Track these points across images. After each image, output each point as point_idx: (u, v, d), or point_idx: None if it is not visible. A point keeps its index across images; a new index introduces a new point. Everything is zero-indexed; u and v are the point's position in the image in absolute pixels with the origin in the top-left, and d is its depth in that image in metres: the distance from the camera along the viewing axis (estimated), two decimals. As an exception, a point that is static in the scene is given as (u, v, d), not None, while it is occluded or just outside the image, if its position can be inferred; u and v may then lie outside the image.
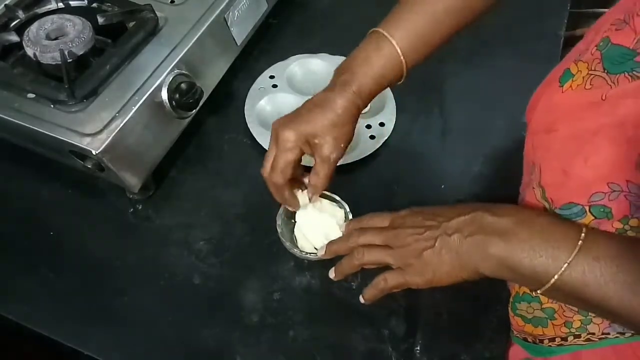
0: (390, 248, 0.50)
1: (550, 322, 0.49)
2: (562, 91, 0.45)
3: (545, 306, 0.49)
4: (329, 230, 0.58)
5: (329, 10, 0.88)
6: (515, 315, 0.53)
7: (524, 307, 0.51)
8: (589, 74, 0.43)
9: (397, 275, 0.49)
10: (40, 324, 0.56)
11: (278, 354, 0.55)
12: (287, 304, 0.58)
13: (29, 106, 0.57)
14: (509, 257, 0.43)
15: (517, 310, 0.52)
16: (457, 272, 0.47)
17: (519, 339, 0.54)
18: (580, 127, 0.43)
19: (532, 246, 0.42)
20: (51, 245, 0.62)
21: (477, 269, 0.46)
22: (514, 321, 0.54)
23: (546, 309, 0.49)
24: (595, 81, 0.42)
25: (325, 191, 0.59)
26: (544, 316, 0.49)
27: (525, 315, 0.51)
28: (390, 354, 0.55)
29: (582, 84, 0.43)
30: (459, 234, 0.46)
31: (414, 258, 0.48)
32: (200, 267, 0.60)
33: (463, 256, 0.46)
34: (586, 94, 0.43)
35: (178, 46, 0.63)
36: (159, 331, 0.56)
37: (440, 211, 0.50)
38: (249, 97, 0.73)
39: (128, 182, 0.59)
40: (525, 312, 0.51)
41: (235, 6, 0.71)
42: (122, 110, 0.57)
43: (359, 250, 0.51)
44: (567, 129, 0.44)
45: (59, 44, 0.59)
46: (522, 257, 0.43)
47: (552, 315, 0.49)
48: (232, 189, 0.67)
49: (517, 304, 0.52)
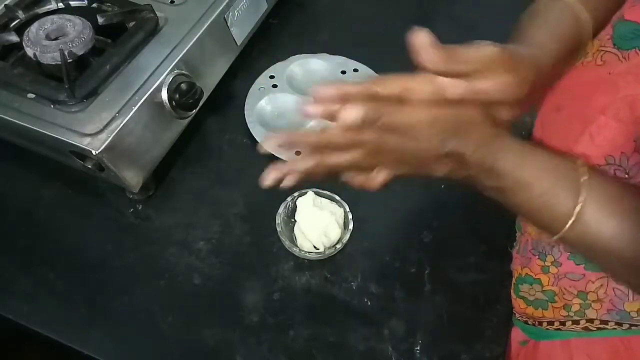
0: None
1: (550, 304, 0.49)
2: (574, 68, 0.45)
3: (546, 288, 0.49)
4: (328, 229, 0.58)
5: (329, 10, 0.88)
6: (518, 297, 0.53)
7: (526, 288, 0.51)
8: (600, 50, 0.42)
9: None
10: (40, 324, 0.56)
11: (278, 354, 0.55)
12: (287, 304, 0.58)
13: (29, 106, 0.57)
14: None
15: (519, 292, 0.52)
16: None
17: (520, 321, 0.54)
18: (588, 105, 0.43)
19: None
20: (51, 245, 0.62)
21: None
22: (516, 303, 0.54)
23: (547, 292, 0.49)
24: (606, 57, 0.42)
25: (324, 190, 0.59)
26: (545, 298, 0.49)
27: (527, 297, 0.51)
28: (390, 354, 0.55)
29: (592, 60, 0.43)
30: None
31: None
32: (200, 267, 0.60)
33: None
34: (597, 70, 0.42)
35: (178, 46, 0.63)
36: (159, 331, 0.56)
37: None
38: (249, 97, 0.73)
39: (128, 182, 0.59)
40: (527, 294, 0.51)
41: (235, 6, 0.71)
42: (122, 110, 0.57)
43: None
44: (574, 107, 0.44)
45: (59, 44, 0.59)
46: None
47: (553, 297, 0.48)
48: (232, 189, 0.67)
49: (520, 285, 0.52)
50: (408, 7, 0.87)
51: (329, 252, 0.58)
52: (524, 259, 0.52)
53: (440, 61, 0.39)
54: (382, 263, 0.61)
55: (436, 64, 0.39)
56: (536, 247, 0.50)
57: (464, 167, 0.41)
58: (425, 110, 0.39)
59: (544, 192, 0.39)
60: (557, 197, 0.39)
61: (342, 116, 0.38)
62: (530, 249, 0.51)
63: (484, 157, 0.40)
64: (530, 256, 0.51)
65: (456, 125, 0.39)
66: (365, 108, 0.37)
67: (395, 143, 0.40)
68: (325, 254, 0.59)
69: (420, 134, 0.39)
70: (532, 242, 0.51)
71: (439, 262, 0.61)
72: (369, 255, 0.62)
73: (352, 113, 0.37)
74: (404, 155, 0.41)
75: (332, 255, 0.59)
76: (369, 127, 0.39)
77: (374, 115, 0.38)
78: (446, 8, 0.88)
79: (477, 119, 0.40)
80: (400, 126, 0.39)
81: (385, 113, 0.38)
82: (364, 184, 0.44)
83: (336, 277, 0.60)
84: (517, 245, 0.57)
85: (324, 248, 0.58)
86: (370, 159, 0.41)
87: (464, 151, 0.39)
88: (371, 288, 0.59)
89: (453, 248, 0.62)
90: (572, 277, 0.47)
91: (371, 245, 0.62)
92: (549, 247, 0.48)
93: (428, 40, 0.38)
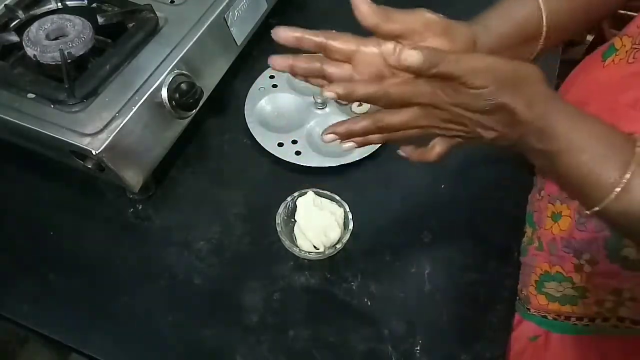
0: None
1: (581, 300, 0.49)
2: (603, 66, 0.45)
3: (578, 285, 0.48)
4: (328, 229, 0.58)
5: (329, 10, 0.88)
6: (540, 293, 0.52)
7: (553, 285, 0.50)
8: (633, 48, 0.42)
9: None
10: (40, 323, 0.56)
11: (278, 354, 0.55)
12: (287, 304, 0.58)
13: (29, 106, 0.57)
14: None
15: (543, 289, 0.52)
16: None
17: (536, 316, 0.53)
18: (618, 101, 0.42)
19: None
20: (51, 245, 0.62)
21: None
22: (536, 300, 0.53)
23: (578, 288, 0.48)
24: (638, 55, 0.42)
25: (324, 190, 0.59)
26: (575, 294, 0.49)
27: (553, 294, 0.51)
28: (390, 354, 0.55)
29: (624, 58, 0.43)
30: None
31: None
32: (200, 267, 0.60)
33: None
34: (628, 68, 0.42)
35: (178, 46, 0.63)
36: (159, 331, 0.56)
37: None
38: (249, 97, 0.73)
39: (128, 182, 0.59)
40: (554, 290, 0.51)
41: (235, 6, 0.71)
42: (122, 110, 0.57)
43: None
44: (601, 102, 0.44)
45: (59, 44, 0.59)
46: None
47: (584, 294, 0.48)
48: (232, 189, 0.67)
49: (545, 282, 0.51)
50: (407, 3, 0.87)
51: (329, 252, 0.58)
52: (553, 257, 0.52)
53: (373, 15, 0.42)
54: (382, 263, 0.61)
55: (369, 18, 0.42)
56: (569, 245, 0.50)
57: (515, 127, 0.40)
58: (482, 59, 0.39)
59: (595, 157, 0.38)
60: (607, 163, 0.38)
61: (403, 57, 0.37)
62: (561, 247, 0.51)
63: (537, 117, 0.39)
64: (562, 254, 0.50)
65: (510, 78, 0.38)
66: (424, 52, 0.37)
67: (449, 97, 0.39)
68: (325, 254, 0.59)
69: (474, 84, 0.38)
70: (563, 241, 0.50)
71: (439, 262, 0.61)
72: (369, 255, 0.62)
73: (413, 55, 0.37)
74: (456, 113, 0.40)
75: (332, 255, 0.59)
76: (424, 80, 0.38)
77: (434, 59, 0.37)
78: (446, 8, 0.88)
79: (533, 77, 0.39)
80: (456, 75, 0.37)
81: (442, 61, 0.37)
82: (420, 157, 0.44)
83: (336, 277, 0.60)
84: (534, 242, 0.56)
85: (324, 248, 0.58)
86: (423, 120, 0.41)
87: (516, 106, 0.38)
88: (371, 288, 0.59)
89: (453, 248, 0.62)
90: (607, 275, 0.47)
91: (371, 245, 0.62)
92: (585, 245, 0.48)
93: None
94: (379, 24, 0.42)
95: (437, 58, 0.37)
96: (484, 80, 0.37)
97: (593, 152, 0.38)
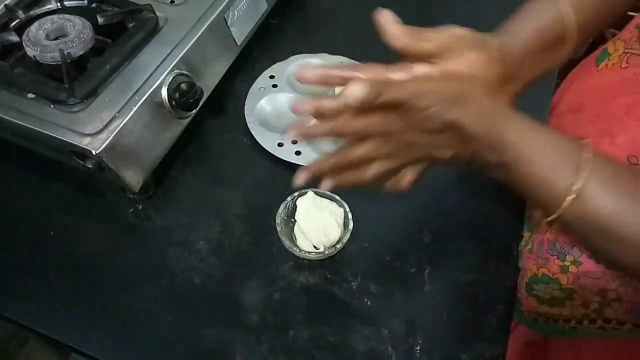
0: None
1: (569, 302, 0.49)
2: (597, 71, 0.45)
3: (564, 287, 0.48)
4: (328, 229, 0.58)
5: (329, 10, 0.88)
6: (530, 295, 0.52)
7: (541, 287, 0.51)
8: (625, 53, 0.43)
9: None
10: (41, 324, 0.56)
11: (278, 354, 0.55)
12: (287, 304, 0.58)
13: (29, 106, 0.57)
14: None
15: (533, 291, 0.52)
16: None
17: (528, 319, 0.54)
18: (611, 106, 0.43)
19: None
20: (51, 245, 0.62)
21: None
22: (527, 302, 0.53)
23: (565, 289, 0.48)
24: (632, 60, 0.42)
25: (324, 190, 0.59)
26: (563, 296, 0.49)
27: (542, 296, 0.51)
28: (390, 354, 0.55)
29: (618, 63, 0.43)
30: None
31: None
32: (200, 267, 0.60)
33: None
34: (622, 73, 0.42)
35: (178, 46, 0.63)
36: (159, 331, 0.56)
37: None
38: (249, 97, 0.73)
39: (128, 182, 0.59)
40: (542, 292, 0.51)
41: (235, 6, 0.71)
42: (122, 110, 0.57)
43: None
44: (595, 108, 0.44)
45: (59, 44, 0.59)
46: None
47: (571, 295, 0.48)
48: (232, 189, 0.67)
49: (534, 285, 0.51)
50: (408, 7, 0.87)
51: (329, 252, 0.58)
52: (539, 259, 0.52)
53: (405, 36, 0.41)
54: (382, 263, 0.61)
55: (401, 40, 0.41)
56: (553, 248, 0.50)
57: (467, 143, 0.40)
58: (424, 83, 0.40)
59: (546, 167, 0.39)
60: (558, 172, 0.39)
61: (347, 93, 0.38)
62: (546, 249, 0.51)
63: (485, 130, 0.39)
64: (547, 256, 0.51)
65: (454, 95, 0.39)
66: (367, 84, 0.38)
67: (399, 122, 0.40)
68: (325, 254, 0.59)
69: (420, 106, 0.38)
70: (549, 243, 0.51)
71: (439, 262, 0.61)
72: (369, 255, 0.62)
73: (356, 89, 0.38)
74: (410, 138, 0.41)
75: (332, 255, 0.59)
76: (372, 111, 0.39)
77: (377, 90, 0.38)
78: (446, 8, 0.88)
79: (476, 91, 0.40)
80: (401, 101, 0.38)
81: (385, 90, 0.38)
82: (393, 187, 0.46)
83: (336, 277, 0.60)
84: (528, 245, 0.57)
85: (324, 248, 0.58)
86: (383, 148, 0.42)
87: (464, 121, 0.39)
88: (371, 288, 0.59)
89: (453, 248, 0.62)
90: (593, 275, 0.47)
91: (371, 245, 0.62)
92: (568, 247, 0.48)
93: (392, 17, 0.40)
94: (411, 45, 0.42)
95: (380, 87, 0.38)
96: (429, 101, 0.38)
97: (544, 162, 0.39)
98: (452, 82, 0.41)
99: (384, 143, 0.41)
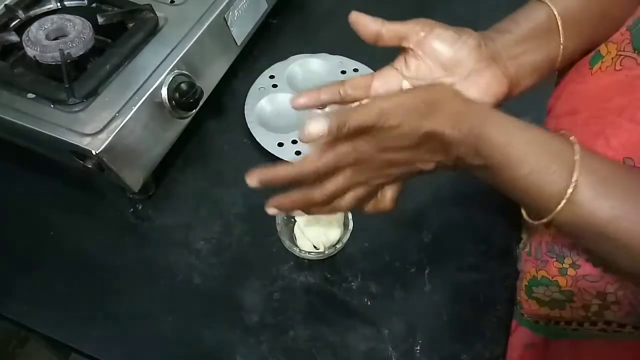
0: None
1: (569, 304, 0.49)
2: (591, 73, 0.45)
3: (564, 289, 0.48)
4: (328, 229, 0.58)
5: (329, 10, 0.88)
6: (530, 298, 0.52)
7: (541, 290, 0.50)
8: (618, 55, 0.42)
9: None
10: (40, 323, 0.56)
11: (278, 354, 0.55)
12: (287, 304, 0.58)
13: (29, 106, 0.57)
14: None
15: (533, 294, 0.52)
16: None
17: (528, 321, 0.53)
18: (605, 108, 0.42)
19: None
20: (51, 245, 0.62)
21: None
22: (528, 304, 0.53)
23: (565, 292, 0.48)
24: (625, 62, 0.42)
25: None
26: (563, 298, 0.49)
27: (542, 299, 0.51)
28: (390, 354, 0.55)
29: (611, 65, 0.43)
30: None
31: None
32: (200, 267, 0.60)
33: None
34: (615, 75, 0.42)
35: (178, 46, 0.63)
36: (159, 331, 0.56)
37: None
38: (249, 97, 0.73)
39: (128, 182, 0.59)
40: (542, 295, 0.50)
41: (235, 6, 0.71)
42: (122, 110, 0.57)
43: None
44: (590, 110, 0.44)
45: (59, 44, 0.59)
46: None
47: (571, 298, 0.48)
48: (232, 189, 0.67)
49: (534, 287, 0.51)
50: (408, 7, 0.87)
51: (329, 252, 0.58)
52: (538, 261, 0.52)
53: (374, 22, 0.45)
54: (382, 263, 0.61)
55: (370, 26, 0.45)
56: (552, 250, 0.50)
57: (449, 151, 0.39)
58: (387, 100, 0.38)
59: (534, 171, 0.37)
60: (548, 175, 0.37)
61: (308, 131, 0.37)
62: (545, 251, 0.51)
63: (465, 134, 0.38)
64: (546, 259, 0.50)
65: (423, 105, 0.38)
66: (327, 118, 0.36)
67: (372, 145, 0.39)
68: (325, 254, 0.59)
69: (391, 125, 0.37)
70: (547, 245, 0.51)
71: (439, 262, 0.61)
72: (369, 255, 0.62)
73: (318, 123, 0.36)
74: (387, 158, 0.40)
75: (332, 255, 0.59)
76: (340, 140, 0.38)
77: (339, 120, 0.37)
78: (446, 7, 0.88)
79: (447, 97, 0.39)
80: (369, 124, 0.37)
81: (348, 117, 0.37)
82: (375, 209, 0.44)
83: (336, 277, 0.60)
84: (526, 247, 0.57)
85: (324, 248, 0.58)
86: (358, 177, 0.41)
87: (442, 129, 0.38)
88: (371, 288, 0.59)
89: (453, 248, 0.62)
90: (591, 278, 0.47)
91: (371, 245, 0.62)
92: (567, 249, 0.48)
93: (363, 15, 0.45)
94: (380, 30, 0.42)
95: (343, 116, 0.37)
96: (397, 118, 0.37)
97: (532, 165, 0.37)
98: (419, 91, 0.39)
99: (357, 172, 0.40)
